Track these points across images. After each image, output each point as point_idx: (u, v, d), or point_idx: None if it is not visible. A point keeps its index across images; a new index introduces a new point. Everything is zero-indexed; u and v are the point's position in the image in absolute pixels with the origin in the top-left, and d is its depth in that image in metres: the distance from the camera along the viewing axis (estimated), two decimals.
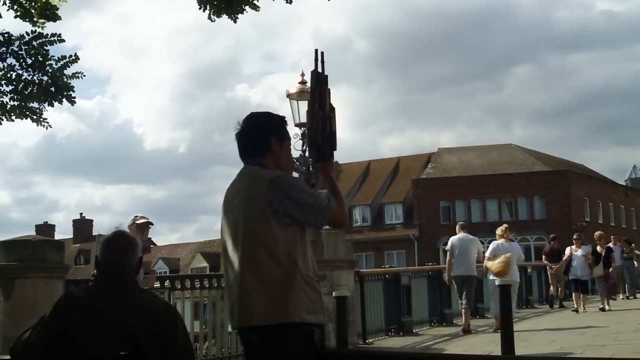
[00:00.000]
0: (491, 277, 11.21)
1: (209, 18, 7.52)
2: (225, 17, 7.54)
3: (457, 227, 12.12)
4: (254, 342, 3.03)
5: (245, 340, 3.11)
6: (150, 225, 7.19)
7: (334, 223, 3.22)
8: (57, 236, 49.15)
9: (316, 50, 3.27)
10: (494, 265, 11.08)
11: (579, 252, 14.49)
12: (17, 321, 6.82)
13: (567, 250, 14.90)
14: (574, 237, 15.12)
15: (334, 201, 3.12)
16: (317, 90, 3.25)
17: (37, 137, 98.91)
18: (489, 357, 7.60)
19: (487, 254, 11.44)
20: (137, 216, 7.25)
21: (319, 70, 3.27)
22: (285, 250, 2.99)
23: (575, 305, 14.13)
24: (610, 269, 14.61)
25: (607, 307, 13.77)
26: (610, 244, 16.47)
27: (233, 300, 3.08)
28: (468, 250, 11.57)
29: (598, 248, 14.83)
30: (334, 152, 3.28)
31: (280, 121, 3.29)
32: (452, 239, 11.86)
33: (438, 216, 42.90)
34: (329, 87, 3.27)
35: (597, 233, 15.65)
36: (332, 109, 3.25)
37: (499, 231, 11.64)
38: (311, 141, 3.26)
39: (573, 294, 14.85)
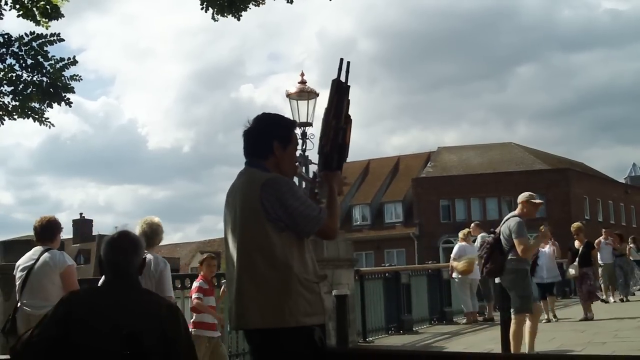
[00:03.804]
0: (455, 275, 12.71)
1: (213, 18, 7.53)
2: (229, 16, 7.56)
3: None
4: (255, 343, 3.06)
5: (248, 340, 3.15)
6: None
7: (323, 234, 3.14)
8: None
9: (341, 60, 3.18)
10: (459, 265, 12.52)
11: (547, 249, 12.03)
12: None
13: None
14: (541, 229, 12.91)
15: (325, 212, 3.09)
16: (334, 100, 3.19)
17: (41, 138, 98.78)
18: (489, 354, 7.62)
19: (452, 255, 12.93)
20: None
21: (342, 80, 3.19)
22: (281, 254, 2.98)
23: (546, 315, 11.66)
24: (586, 269, 12.00)
25: (589, 316, 11.54)
26: (601, 238, 15.02)
27: (230, 302, 3.12)
28: None
29: (576, 243, 12.18)
30: (343, 163, 3.22)
31: (288, 125, 3.30)
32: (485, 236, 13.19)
33: (438, 215, 42.94)
34: (349, 98, 3.18)
35: (575, 225, 12.68)
36: (349, 120, 3.19)
37: (461, 235, 13.00)
38: (320, 150, 3.23)
39: (541, 301, 11.92)
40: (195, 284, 7.30)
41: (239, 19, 7.57)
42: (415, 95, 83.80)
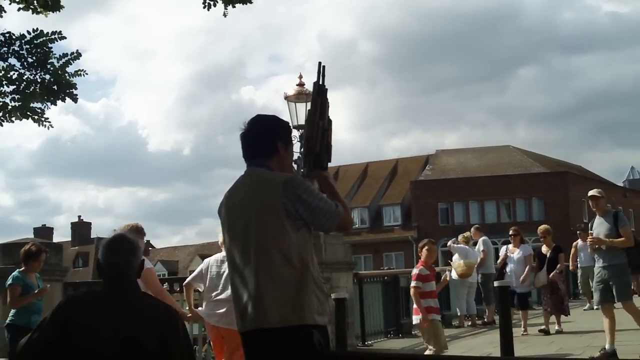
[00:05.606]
0: (454, 276, 12.37)
1: (224, 15, 7.71)
2: (237, 5, 7.72)
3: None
4: (265, 345, 3.01)
5: (253, 343, 3.08)
6: None
7: (342, 227, 3.23)
8: (56, 239, 48.85)
9: (319, 63, 3.30)
10: (459, 267, 12.42)
11: (516, 254, 10.74)
12: None
13: (502, 251, 11.24)
14: (510, 232, 11.27)
15: (341, 206, 3.15)
16: (318, 102, 3.28)
17: (42, 140, 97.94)
18: (488, 358, 7.61)
19: (453, 246, 12.78)
20: None
21: (320, 82, 3.30)
22: (297, 253, 3.02)
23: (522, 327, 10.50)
24: (552, 274, 10.19)
25: (556, 327, 10.22)
26: (579, 241, 13.97)
27: (244, 303, 3.07)
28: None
29: (543, 248, 10.52)
30: (328, 163, 3.32)
31: (287, 126, 3.37)
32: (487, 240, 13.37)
33: (436, 218, 42.95)
34: (328, 100, 3.31)
35: (542, 227, 10.90)
36: (330, 121, 3.30)
37: (461, 238, 12.75)
38: (309, 150, 3.28)
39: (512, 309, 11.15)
40: (415, 271, 7.21)
41: (233, 6, 7.72)
42: (415, 97, 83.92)
